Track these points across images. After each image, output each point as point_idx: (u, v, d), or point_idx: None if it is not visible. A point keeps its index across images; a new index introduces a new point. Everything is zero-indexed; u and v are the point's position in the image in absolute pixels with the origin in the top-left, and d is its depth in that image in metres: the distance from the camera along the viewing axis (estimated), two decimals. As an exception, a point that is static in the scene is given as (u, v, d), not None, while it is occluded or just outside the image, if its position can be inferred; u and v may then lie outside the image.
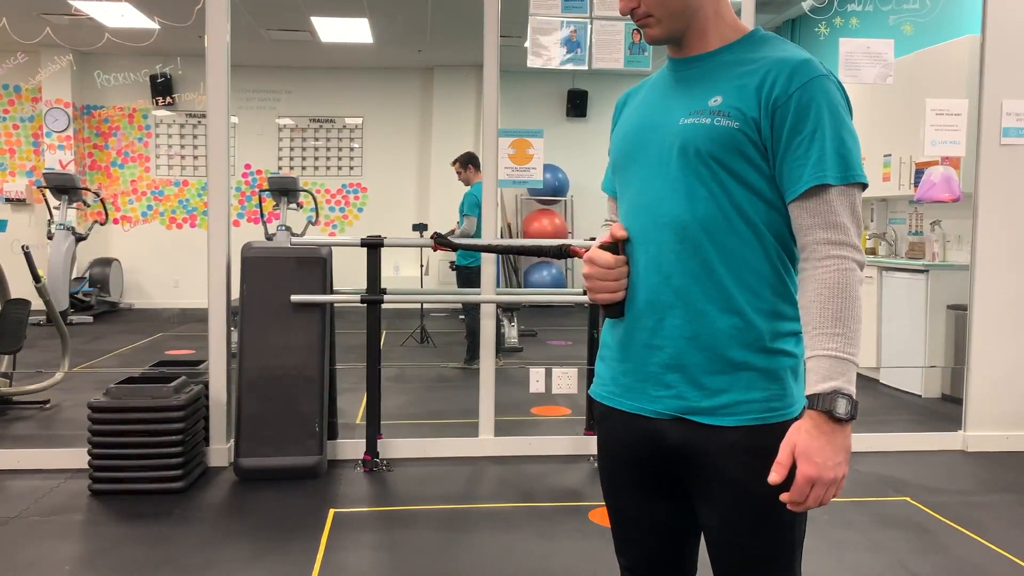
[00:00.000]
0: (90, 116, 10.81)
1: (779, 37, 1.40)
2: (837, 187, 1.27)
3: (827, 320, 1.25)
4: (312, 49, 9.95)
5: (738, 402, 1.32)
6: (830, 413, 1.22)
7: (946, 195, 5.32)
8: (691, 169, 1.33)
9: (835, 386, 1.22)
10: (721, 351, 1.33)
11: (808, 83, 1.28)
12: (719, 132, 1.31)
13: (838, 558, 3.04)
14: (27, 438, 4.55)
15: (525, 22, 4.13)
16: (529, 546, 3.14)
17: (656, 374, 1.38)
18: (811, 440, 1.22)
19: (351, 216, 11.30)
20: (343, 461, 4.12)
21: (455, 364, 6.73)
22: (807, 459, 1.22)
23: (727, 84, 1.34)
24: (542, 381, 4.23)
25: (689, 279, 1.34)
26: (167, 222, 11.05)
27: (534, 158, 4.22)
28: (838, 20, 7.10)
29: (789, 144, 1.29)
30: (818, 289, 1.26)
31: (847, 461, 1.24)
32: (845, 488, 3.77)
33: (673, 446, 1.37)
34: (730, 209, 1.32)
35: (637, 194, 1.41)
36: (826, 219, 1.28)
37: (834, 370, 1.23)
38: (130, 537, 3.17)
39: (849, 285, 1.25)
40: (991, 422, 4.47)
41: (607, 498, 1.52)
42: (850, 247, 1.27)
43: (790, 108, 1.28)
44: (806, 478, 1.22)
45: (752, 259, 1.33)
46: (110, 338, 8.20)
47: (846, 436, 1.23)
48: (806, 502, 1.24)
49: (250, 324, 3.98)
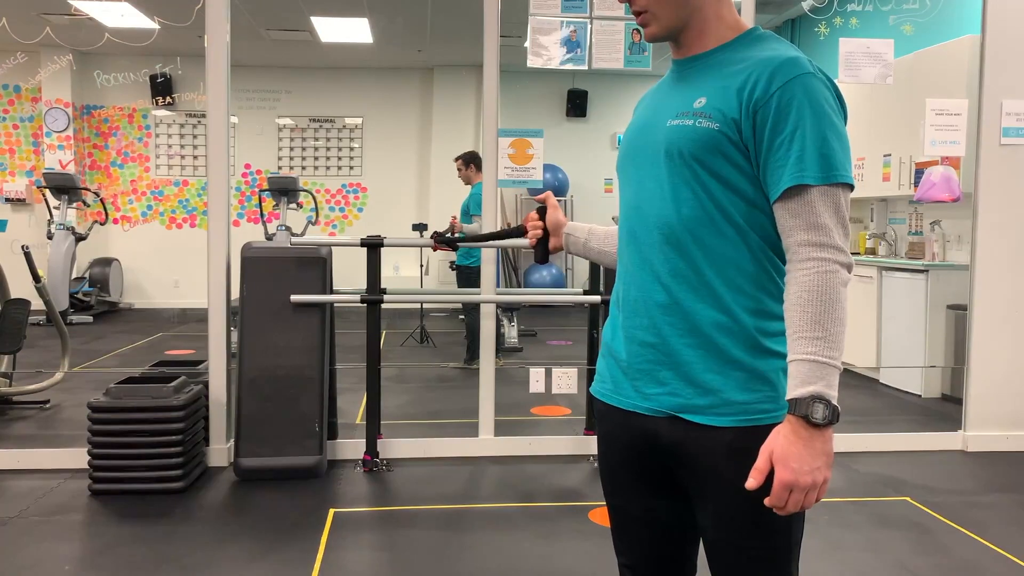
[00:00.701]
0: (90, 116, 10.81)
1: (775, 36, 1.39)
2: (819, 187, 1.25)
3: (807, 324, 1.23)
4: (312, 49, 9.95)
5: (731, 402, 1.33)
6: (807, 418, 1.21)
7: (946, 195, 5.32)
8: (676, 171, 1.34)
9: (813, 391, 1.21)
10: (713, 349, 1.34)
11: (789, 82, 1.27)
12: (699, 133, 1.31)
13: (838, 558, 3.04)
14: (27, 438, 4.55)
15: (525, 22, 4.13)
16: (529, 546, 3.14)
17: (650, 371, 1.39)
18: (788, 445, 1.22)
19: (351, 216, 11.30)
20: (343, 461, 4.12)
21: (455, 364, 6.73)
22: (784, 465, 1.21)
23: (713, 85, 1.34)
24: (542, 381, 4.23)
25: (678, 278, 1.35)
26: (167, 222, 11.04)
27: (534, 158, 4.22)
28: (838, 20, 7.10)
29: (771, 145, 1.28)
30: (799, 292, 1.25)
31: (827, 466, 1.23)
32: (845, 488, 3.78)
33: (668, 445, 1.38)
34: (713, 210, 1.33)
35: (632, 195, 1.44)
36: (807, 220, 1.26)
37: (813, 375, 1.22)
38: (130, 537, 3.17)
39: (830, 287, 1.24)
40: (991, 422, 4.47)
41: (607, 496, 1.53)
42: (832, 248, 1.25)
43: (771, 108, 1.27)
44: (782, 483, 1.22)
45: (737, 258, 1.33)
46: (110, 338, 8.20)
47: (825, 441, 1.22)
48: (786, 507, 1.23)
49: (250, 324, 3.98)
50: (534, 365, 4.41)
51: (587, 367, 4.40)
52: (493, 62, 4.14)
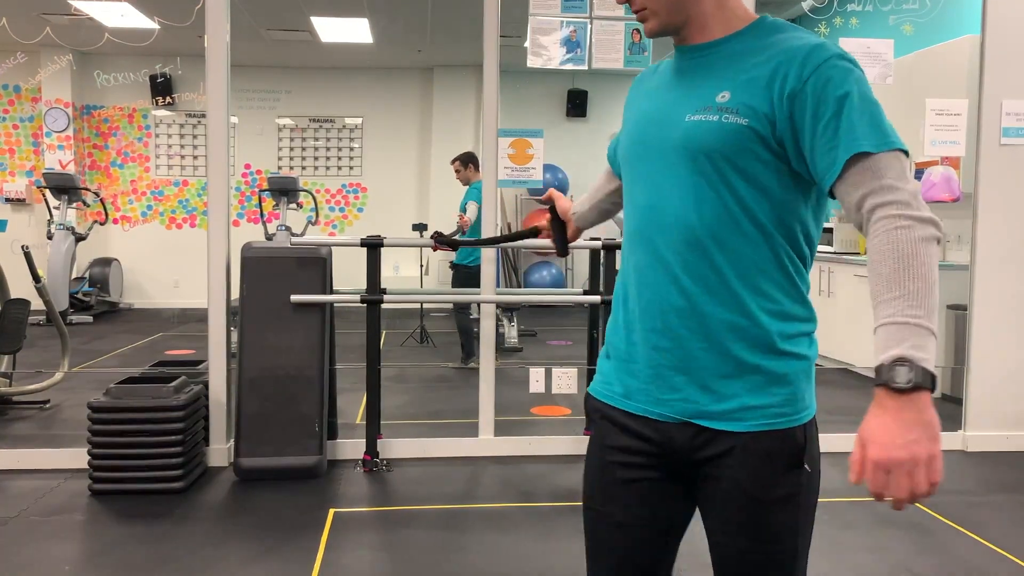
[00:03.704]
0: (90, 116, 10.81)
1: (789, 24, 1.33)
2: (878, 154, 1.18)
3: (883, 286, 1.13)
4: (312, 49, 9.95)
5: (748, 407, 1.29)
6: (888, 385, 1.09)
7: (946, 195, 5.32)
8: (698, 170, 1.28)
9: (895, 354, 1.10)
10: (729, 353, 1.29)
11: (820, 66, 1.21)
12: (728, 130, 1.25)
13: (838, 558, 3.04)
14: (27, 438, 4.55)
15: (525, 22, 4.13)
16: (529, 546, 3.14)
17: (663, 376, 1.34)
18: (874, 420, 1.11)
19: (351, 216, 11.30)
20: (343, 461, 4.12)
21: (451, 364, 6.72)
22: (871, 442, 1.10)
23: (735, 78, 1.28)
24: (542, 381, 4.23)
25: (696, 281, 1.30)
26: (167, 222, 11.04)
27: (534, 158, 4.22)
28: (838, 20, 7.10)
29: (815, 131, 1.22)
30: (872, 257, 1.16)
31: (930, 438, 1.09)
32: (845, 488, 3.77)
33: (679, 450, 1.34)
34: (737, 210, 1.27)
35: (644, 194, 1.37)
36: (871, 186, 1.17)
37: (894, 338, 1.11)
38: (130, 537, 3.17)
39: (905, 243, 1.13)
40: (991, 422, 4.47)
41: (588, 499, 1.45)
42: (902, 204, 1.15)
43: (807, 96, 1.21)
44: (874, 464, 1.09)
45: (760, 260, 1.28)
46: (110, 338, 8.19)
47: (919, 408, 1.09)
48: (891, 491, 1.09)
49: (250, 324, 3.98)
50: (534, 365, 4.41)
51: (587, 367, 4.40)
52: (493, 62, 4.14)
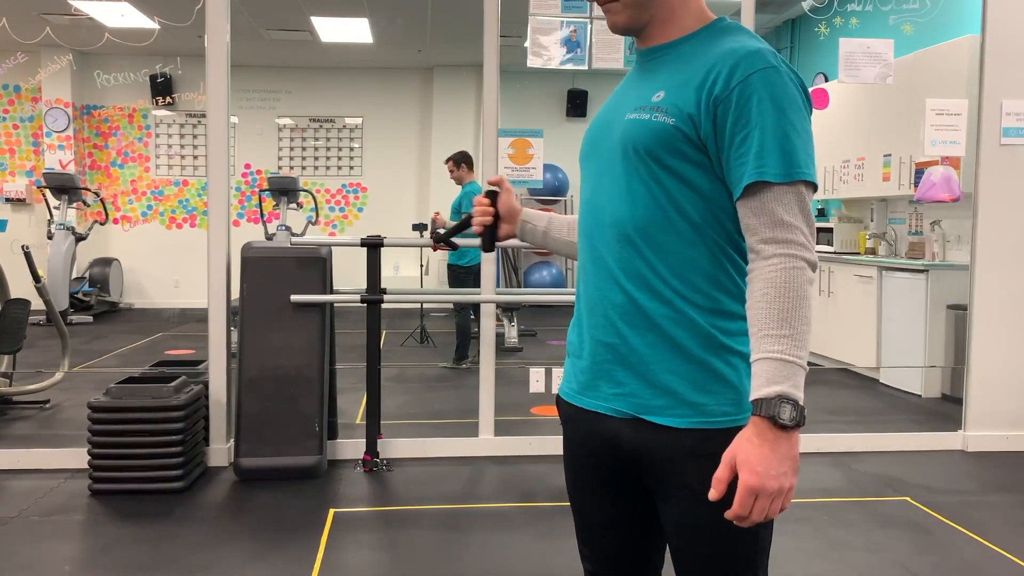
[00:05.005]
0: (90, 116, 10.81)
1: (741, 27, 1.34)
2: (780, 185, 1.20)
3: (772, 321, 1.17)
4: (312, 49, 9.95)
5: (689, 402, 1.29)
6: (774, 419, 1.14)
7: (946, 195, 5.32)
8: (631, 168, 1.30)
9: (780, 391, 1.15)
10: (671, 348, 1.29)
11: (751, 76, 1.21)
12: (655, 128, 1.27)
13: (838, 558, 3.04)
14: (27, 438, 4.55)
15: (525, 22, 4.13)
16: (529, 546, 3.14)
17: (608, 371, 1.35)
18: (753, 448, 1.15)
19: (351, 216, 11.30)
20: (343, 461, 4.12)
21: (443, 364, 6.70)
22: (748, 468, 1.15)
23: (673, 78, 1.30)
24: (542, 381, 4.23)
25: (632, 278, 1.31)
26: (167, 222, 11.05)
27: (534, 158, 4.22)
28: (838, 20, 7.10)
29: (731, 142, 1.23)
30: (763, 289, 1.19)
31: (794, 471, 1.16)
32: (845, 488, 3.78)
33: (629, 448, 1.34)
34: (669, 207, 1.28)
35: (590, 192, 1.40)
36: (771, 218, 1.21)
37: (779, 374, 1.16)
38: (130, 537, 3.17)
39: (797, 284, 1.18)
40: (991, 422, 4.47)
41: (571, 500, 1.49)
42: (798, 245, 1.20)
43: (731, 104, 1.22)
44: (748, 488, 1.15)
45: (694, 257, 1.29)
46: (110, 338, 8.19)
47: (792, 444, 1.16)
48: (750, 516, 1.16)
49: (250, 324, 3.98)
50: (534, 365, 4.41)
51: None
52: (493, 62, 4.14)
